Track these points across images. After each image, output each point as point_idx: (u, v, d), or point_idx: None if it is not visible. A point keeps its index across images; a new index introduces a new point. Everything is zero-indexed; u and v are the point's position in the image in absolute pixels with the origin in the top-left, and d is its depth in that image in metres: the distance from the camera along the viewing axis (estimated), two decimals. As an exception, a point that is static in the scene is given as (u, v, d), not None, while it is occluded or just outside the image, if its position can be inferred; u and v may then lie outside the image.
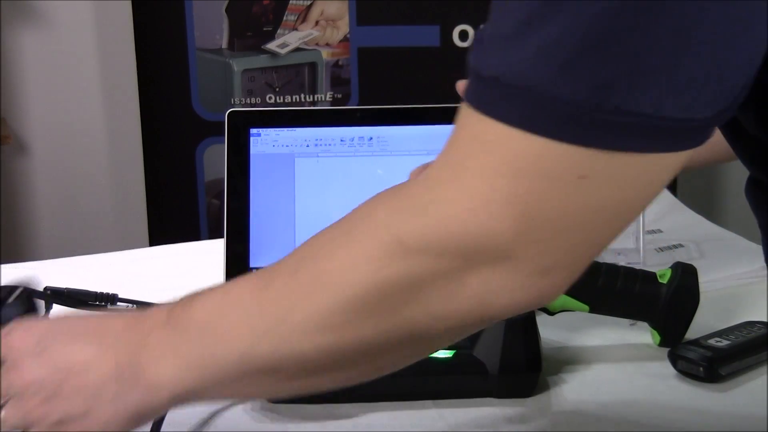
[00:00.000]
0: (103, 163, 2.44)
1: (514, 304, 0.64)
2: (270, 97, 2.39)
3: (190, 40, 2.34)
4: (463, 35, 2.43)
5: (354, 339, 0.66)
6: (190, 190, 2.41)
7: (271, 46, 2.37)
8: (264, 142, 1.22)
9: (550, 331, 1.09)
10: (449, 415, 0.97)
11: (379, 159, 1.22)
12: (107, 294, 1.17)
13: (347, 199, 1.22)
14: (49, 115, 2.41)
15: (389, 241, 0.64)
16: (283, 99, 2.39)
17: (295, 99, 2.40)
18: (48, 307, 1.14)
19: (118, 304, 1.17)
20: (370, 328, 0.66)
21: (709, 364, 1.00)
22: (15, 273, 1.24)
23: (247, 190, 1.21)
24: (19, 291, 0.99)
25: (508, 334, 0.98)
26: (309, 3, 2.37)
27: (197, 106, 2.38)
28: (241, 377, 0.70)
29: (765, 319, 1.09)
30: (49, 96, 2.40)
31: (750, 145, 0.76)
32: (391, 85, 2.44)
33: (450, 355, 0.99)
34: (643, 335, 1.09)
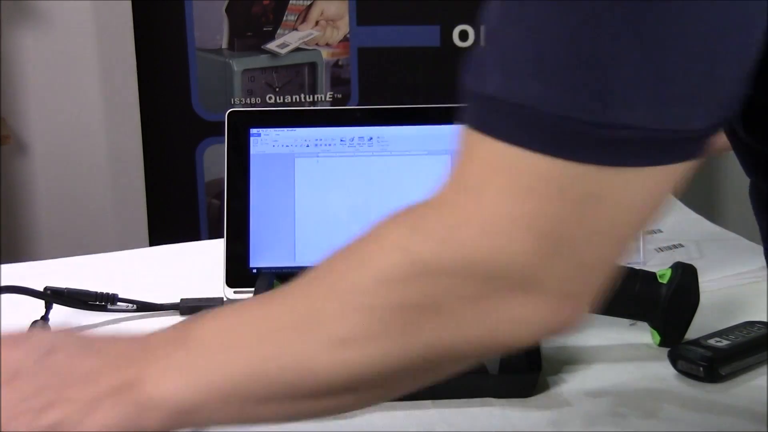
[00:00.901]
0: (103, 163, 2.44)
1: (539, 331, 0.63)
2: (270, 97, 2.39)
3: (190, 40, 2.34)
4: (463, 35, 2.43)
5: (368, 360, 0.65)
6: (190, 190, 2.41)
7: (271, 46, 2.37)
8: (264, 142, 1.22)
9: (550, 331, 1.09)
10: (449, 415, 0.97)
11: (379, 159, 1.22)
12: (107, 294, 1.17)
13: (347, 199, 1.23)
14: (49, 115, 2.41)
15: (408, 263, 0.63)
16: (283, 99, 2.39)
17: (295, 99, 2.40)
18: (48, 307, 1.14)
19: (118, 304, 1.17)
20: (385, 349, 0.64)
21: (709, 364, 1.00)
22: (15, 273, 1.24)
23: (247, 190, 1.21)
24: None
25: (508, 334, 0.98)
26: (309, 3, 2.37)
27: (197, 106, 2.38)
28: (247, 398, 0.68)
29: (765, 319, 1.09)
30: (49, 96, 2.40)
31: (744, 152, 0.76)
32: (391, 85, 2.44)
33: (450, 355, 0.99)
34: (643, 335, 1.09)
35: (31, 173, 2.44)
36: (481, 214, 0.61)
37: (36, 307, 1.14)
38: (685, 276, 1.07)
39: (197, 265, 1.30)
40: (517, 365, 0.98)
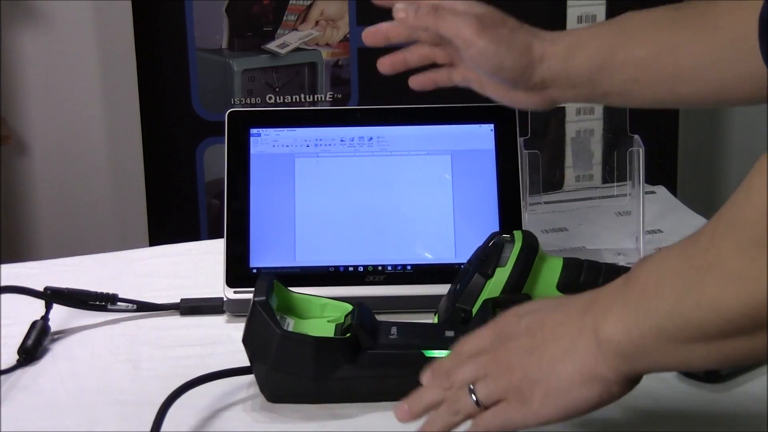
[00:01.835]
0: (103, 164, 2.44)
1: None
2: (270, 97, 2.39)
3: (190, 40, 2.34)
4: (463, 35, 2.43)
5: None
6: (190, 190, 2.41)
7: (271, 46, 2.37)
8: (264, 142, 1.22)
9: (550, 331, 1.08)
10: (449, 415, 0.96)
11: (379, 159, 1.22)
12: (107, 294, 1.17)
13: (347, 199, 1.23)
14: (49, 115, 2.41)
15: None
16: (283, 99, 2.39)
17: (295, 99, 2.40)
18: (48, 307, 1.14)
19: (118, 304, 1.17)
20: None
21: (709, 364, 1.00)
22: (15, 273, 1.24)
23: (247, 190, 1.21)
24: None
25: (508, 334, 0.98)
26: (309, 3, 2.37)
27: (197, 106, 2.38)
28: (672, 335, 0.72)
29: (765, 319, 1.09)
30: (49, 96, 2.40)
31: None
32: (391, 85, 2.43)
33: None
34: (643, 335, 1.09)
35: (31, 173, 2.44)
36: None
37: (36, 307, 1.14)
38: (685, 276, 1.07)
39: (197, 265, 1.30)
40: (517, 365, 0.98)
